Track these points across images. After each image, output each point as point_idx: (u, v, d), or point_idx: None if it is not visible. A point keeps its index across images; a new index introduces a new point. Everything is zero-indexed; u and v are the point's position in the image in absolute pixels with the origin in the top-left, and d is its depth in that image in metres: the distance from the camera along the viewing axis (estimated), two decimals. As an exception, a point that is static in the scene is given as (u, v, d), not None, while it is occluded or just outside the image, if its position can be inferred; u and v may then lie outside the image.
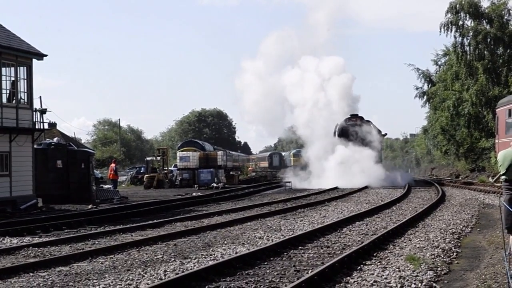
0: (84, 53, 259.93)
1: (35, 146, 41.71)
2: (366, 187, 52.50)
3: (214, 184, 66.23)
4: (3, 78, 38.56)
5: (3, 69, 38.48)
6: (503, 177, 14.39)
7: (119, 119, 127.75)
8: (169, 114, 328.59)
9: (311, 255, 18.31)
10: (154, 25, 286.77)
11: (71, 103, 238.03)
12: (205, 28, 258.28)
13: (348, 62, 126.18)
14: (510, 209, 13.71)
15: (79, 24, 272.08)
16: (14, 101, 39.19)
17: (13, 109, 38.63)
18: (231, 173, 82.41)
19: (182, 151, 79.02)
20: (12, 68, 39.24)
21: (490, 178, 53.32)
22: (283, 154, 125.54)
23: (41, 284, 14.89)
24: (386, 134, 71.92)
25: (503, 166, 14.18)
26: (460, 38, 71.19)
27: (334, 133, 66.53)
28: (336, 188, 53.90)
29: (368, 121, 66.44)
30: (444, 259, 17.04)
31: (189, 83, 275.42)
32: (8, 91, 38.87)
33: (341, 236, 22.57)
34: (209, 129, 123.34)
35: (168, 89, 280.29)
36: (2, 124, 37.06)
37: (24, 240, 23.21)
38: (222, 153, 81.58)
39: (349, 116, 66.89)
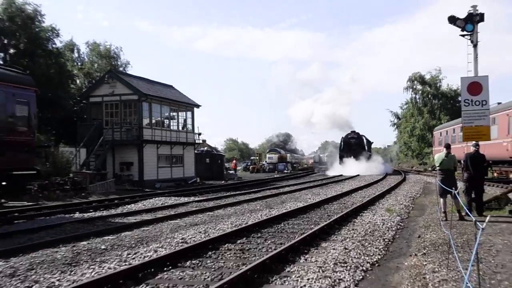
0: (220, 103, 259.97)
1: (195, 151, 44.29)
2: (358, 175, 50.06)
3: (286, 171, 70.12)
4: (180, 118, 41.36)
5: (180, 113, 41.25)
6: (437, 167, 15.24)
7: (237, 138, 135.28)
8: (262, 133, 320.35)
9: (335, 207, 19.07)
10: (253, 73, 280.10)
11: (213, 129, 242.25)
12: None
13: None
14: (441, 184, 14.39)
15: (219, 83, 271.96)
16: (185, 129, 41.77)
17: (184, 133, 41.27)
18: (294, 165, 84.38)
19: (269, 153, 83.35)
20: (184, 112, 41.77)
21: (429, 168, 54.08)
22: (321, 155, 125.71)
23: (199, 220, 16.02)
24: (373, 142, 70.27)
25: (437, 162, 15.05)
26: (414, 94, 79.38)
27: (340, 144, 63.48)
28: (341, 175, 52.45)
29: (361, 135, 63.18)
30: (406, 210, 17.74)
31: (272, 113, 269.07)
32: (182, 124, 41.62)
33: (351, 198, 23.24)
34: (283, 142, 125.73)
35: (263, 117, 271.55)
36: (179, 140, 39.95)
37: (190, 199, 24.56)
38: (290, 155, 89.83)
39: (349, 132, 63.65)
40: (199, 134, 44.73)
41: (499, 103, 30.97)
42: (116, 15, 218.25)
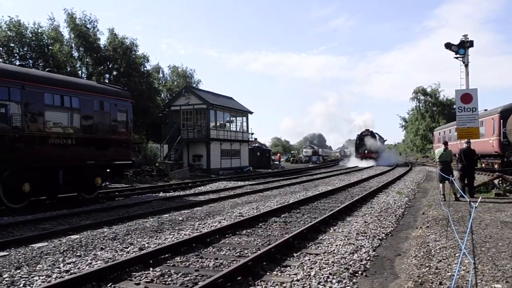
0: (268, 110, 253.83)
1: (249, 147, 43.65)
2: (372, 166, 48.06)
3: (318, 162, 68.55)
4: (238, 121, 40.89)
5: (237, 118, 40.81)
6: (437, 160, 15.03)
7: (281, 137, 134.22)
8: (300, 134, 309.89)
9: (356, 190, 18.64)
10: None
11: (262, 129, 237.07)
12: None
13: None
14: (440, 172, 13.98)
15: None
16: (241, 130, 41.23)
17: (241, 133, 40.93)
18: (324, 157, 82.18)
19: (305, 148, 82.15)
20: (240, 117, 41.28)
21: (431, 160, 51.89)
22: (345, 150, 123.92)
23: (252, 199, 15.56)
24: (386, 139, 68.13)
25: (437, 155, 14.84)
26: (418, 103, 77.43)
27: (356, 140, 59.61)
28: (356, 166, 50.34)
29: (375, 133, 59.05)
30: (412, 193, 17.30)
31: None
32: (239, 126, 41.07)
33: (369, 183, 22.61)
34: (316, 140, 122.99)
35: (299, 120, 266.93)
36: (237, 138, 39.73)
37: (245, 183, 24.04)
38: (321, 150, 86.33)
39: (364, 130, 59.28)
40: (252, 133, 44.55)
41: (485, 110, 30.23)
42: (190, 45, 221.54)
